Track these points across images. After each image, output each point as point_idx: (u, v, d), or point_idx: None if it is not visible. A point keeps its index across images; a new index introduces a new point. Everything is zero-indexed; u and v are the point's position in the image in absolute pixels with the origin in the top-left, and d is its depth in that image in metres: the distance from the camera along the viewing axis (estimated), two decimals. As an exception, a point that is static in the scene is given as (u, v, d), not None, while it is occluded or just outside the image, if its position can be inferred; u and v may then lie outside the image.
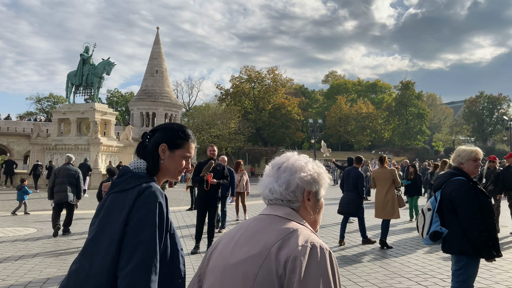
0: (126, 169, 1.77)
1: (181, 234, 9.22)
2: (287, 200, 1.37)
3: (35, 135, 27.28)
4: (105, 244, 1.61)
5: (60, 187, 8.93)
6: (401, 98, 55.76)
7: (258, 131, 56.42)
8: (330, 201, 17.56)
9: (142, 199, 1.64)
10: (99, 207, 1.77)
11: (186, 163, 1.83)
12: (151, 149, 1.78)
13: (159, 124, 1.96)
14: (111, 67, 26.97)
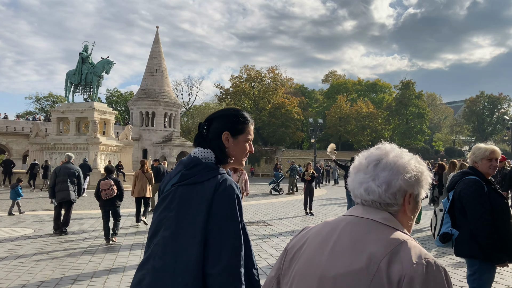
0: (197, 160, 1.71)
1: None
2: (385, 203, 1.21)
3: (34, 134, 27.10)
4: (187, 240, 1.58)
5: (62, 186, 8.93)
6: (401, 98, 55.51)
7: (258, 130, 56.20)
8: (331, 201, 17.43)
9: (222, 192, 1.61)
10: (166, 200, 1.68)
11: (250, 146, 1.81)
12: (214, 139, 1.74)
13: (218, 112, 1.85)
14: (110, 66, 26.79)
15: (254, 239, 8.60)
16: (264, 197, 19.48)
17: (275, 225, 10.60)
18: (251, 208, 14.62)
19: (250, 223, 10.86)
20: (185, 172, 1.69)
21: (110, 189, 7.93)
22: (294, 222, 11.15)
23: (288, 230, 9.75)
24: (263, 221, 11.33)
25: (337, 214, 13.03)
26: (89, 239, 8.45)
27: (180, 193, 1.66)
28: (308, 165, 13.16)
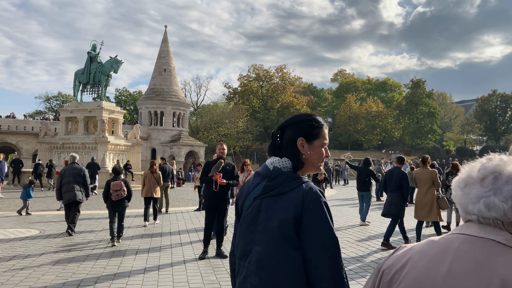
0: (279, 170, 1.69)
1: (189, 238, 8.80)
2: (509, 222, 1.07)
3: (42, 133, 27.11)
4: (282, 252, 1.56)
5: (68, 187, 8.94)
6: (411, 97, 54.84)
7: (266, 130, 55.91)
8: (342, 201, 17.08)
9: (311, 201, 1.60)
10: (252, 215, 1.67)
11: (326, 151, 1.78)
12: (289, 147, 1.72)
13: (291, 119, 1.82)
14: (118, 65, 26.69)
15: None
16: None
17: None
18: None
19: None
20: (268, 184, 1.67)
21: (121, 190, 7.90)
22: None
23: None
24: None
25: (348, 216, 12.72)
26: (94, 242, 8.25)
27: (266, 206, 1.64)
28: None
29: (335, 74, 74.14)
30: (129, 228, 9.73)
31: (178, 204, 15.83)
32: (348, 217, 12.43)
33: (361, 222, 10.80)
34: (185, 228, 10.02)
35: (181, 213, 12.90)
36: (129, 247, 7.70)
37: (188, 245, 7.92)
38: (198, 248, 7.58)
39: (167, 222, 10.85)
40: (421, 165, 8.34)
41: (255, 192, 1.70)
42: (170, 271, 6.07)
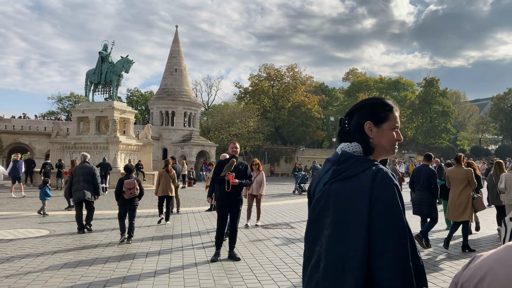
0: (348, 154, 1.66)
1: (201, 239, 8.58)
2: None
3: (54, 133, 27.22)
4: (351, 234, 1.54)
5: (78, 186, 9.07)
6: (424, 96, 54.04)
7: (277, 129, 55.64)
8: None
9: (381, 182, 1.55)
10: (322, 200, 1.64)
11: (397, 134, 1.75)
12: (356, 131, 1.69)
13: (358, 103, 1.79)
14: (129, 65, 26.67)
15: (277, 243, 8.09)
16: (285, 198, 18.93)
17: (298, 228, 10.05)
18: (272, 209, 14.10)
19: (273, 225, 10.35)
20: (337, 168, 1.64)
21: (134, 188, 7.99)
22: (318, 225, 10.57)
23: (313, 234, 9.19)
24: (285, 223, 10.80)
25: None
26: (104, 243, 8.09)
27: (336, 190, 1.61)
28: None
29: (347, 73, 73.51)
30: (140, 228, 9.57)
31: (190, 204, 15.66)
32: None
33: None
34: (196, 229, 9.81)
35: (193, 213, 12.71)
36: (139, 249, 7.52)
37: (200, 247, 7.71)
38: (210, 250, 7.36)
39: (178, 223, 10.66)
40: (455, 164, 8.01)
41: (325, 178, 1.67)
42: (181, 274, 5.85)
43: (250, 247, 7.68)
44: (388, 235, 1.49)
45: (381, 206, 1.51)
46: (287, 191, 23.43)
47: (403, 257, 1.48)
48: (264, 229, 9.77)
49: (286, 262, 6.57)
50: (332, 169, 1.66)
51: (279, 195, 20.19)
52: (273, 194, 20.38)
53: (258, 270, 6.14)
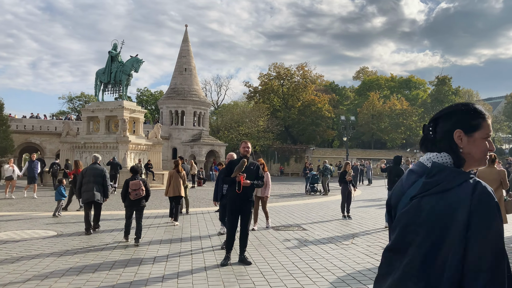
0: (440, 165, 1.55)
1: (211, 242, 8.34)
2: None
3: (64, 133, 27.26)
4: (445, 254, 1.44)
5: (87, 187, 9.14)
6: (437, 94, 53.18)
7: (287, 129, 55.27)
8: (368, 202, 16.35)
9: (480, 196, 1.45)
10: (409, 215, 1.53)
11: (490, 144, 1.61)
12: (445, 140, 1.58)
13: (445, 110, 1.67)
14: (139, 64, 26.57)
15: (290, 246, 7.82)
16: (296, 198, 18.64)
17: (311, 230, 9.76)
18: (284, 209, 13.83)
19: (284, 227, 10.08)
20: (428, 181, 1.54)
21: (140, 189, 7.95)
22: (331, 227, 10.26)
23: (326, 236, 8.90)
24: (297, 225, 10.51)
25: (376, 217, 12.06)
26: (111, 245, 7.90)
27: (428, 204, 1.50)
28: (347, 165, 12.19)
29: (357, 71, 72.80)
30: (149, 229, 9.37)
31: (199, 204, 15.45)
32: (377, 219, 11.76)
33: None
34: (206, 231, 9.57)
35: (202, 214, 12.49)
36: (147, 252, 7.30)
37: (209, 250, 7.47)
38: (220, 253, 7.11)
39: (188, 224, 10.44)
40: (488, 164, 7.66)
41: (412, 191, 1.56)
42: (190, 279, 5.61)
43: (261, 250, 7.42)
44: (486, 254, 1.39)
45: (480, 222, 1.41)
46: (298, 191, 23.12)
47: (499, 279, 1.39)
48: (275, 231, 9.50)
49: (299, 267, 6.29)
50: (421, 181, 1.56)
51: (289, 196, 19.91)
52: (283, 194, 20.11)
53: (270, 275, 5.87)
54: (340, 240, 8.51)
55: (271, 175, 45.87)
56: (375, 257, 6.94)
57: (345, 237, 8.82)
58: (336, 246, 7.80)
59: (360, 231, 9.61)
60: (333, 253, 7.25)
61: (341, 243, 8.16)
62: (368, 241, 8.38)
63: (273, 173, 47.90)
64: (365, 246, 7.86)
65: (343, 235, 9.13)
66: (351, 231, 9.68)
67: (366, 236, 8.96)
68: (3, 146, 32.44)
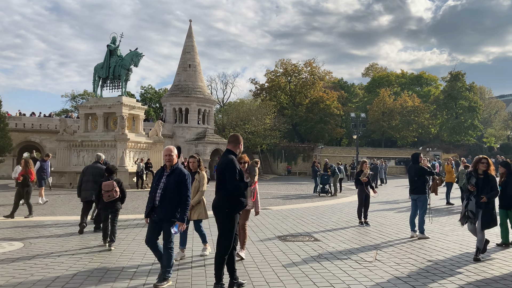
0: None
1: (203, 256, 6.89)
2: None
3: (61, 131, 26.02)
4: None
5: (86, 186, 9.09)
6: (450, 91, 51.27)
7: (295, 127, 53.75)
8: (384, 205, 14.62)
9: None
10: None
11: None
12: None
13: None
14: (139, 58, 25.25)
15: (300, 262, 6.37)
16: (305, 200, 17.17)
17: (324, 240, 8.30)
18: (292, 214, 12.37)
19: (293, 237, 8.63)
20: None
21: (113, 190, 7.54)
22: (348, 236, 8.78)
23: (342, 249, 7.43)
24: (308, 233, 9.05)
25: (397, 224, 10.57)
26: (91, 253, 6.48)
27: None
28: (364, 164, 10.63)
29: (367, 68, 71.07)
30: (134, 240, 7.99)
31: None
32: (399, 226, 10.26)
33: (419, 235, 8.61)
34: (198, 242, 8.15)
35: (200, 220, 11.07)
36: (128, 263, 5.89)
37: (200, 265, 6.05)
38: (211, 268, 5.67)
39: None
40: None
41: None
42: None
43: (264, 270, 5.97)
44: None
45: None
46: (306, 191, 21.66)
47: None
48: (282, 242, 8.05)
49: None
50: None
51: (297, 197, 18.44)
52: (290, 196, 18.64)
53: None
54: (360, 254, 7.05)
55: (278, 175, 44.52)
56: (410, 280, 5.47)
57: (365, 250, 7.35)
58: (357, 264, 6.33)
59: (382, 242, 8.13)
60: (354, 274, 5.79)
61: (362, 259, 6.69)
62: (395, 256, 6.90)
63: (280, 173, 46.40)
64: (393, 264, 6.39)
65: (363, 247, 7.66)
66: (371, 242, 8.20)
67: (391, 250, 7.47)
68: (0, 145, 31.37)
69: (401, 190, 22.79)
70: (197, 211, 6.77)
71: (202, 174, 6.96)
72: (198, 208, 6.78)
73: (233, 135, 5.33)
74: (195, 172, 6.97)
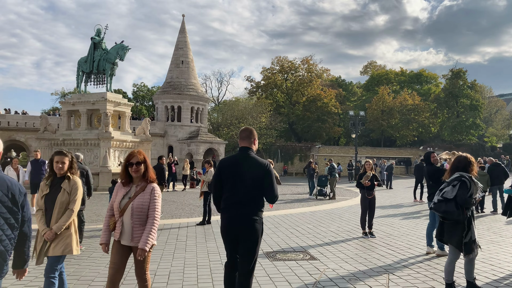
0: None
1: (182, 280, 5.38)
2: None
3: (42, 129, 24.45)
4: None
5: None
6: (451, 89, 49.84)
7: (291, 125, 52.26)
8: (388, 210, 12.98)
9: None
10: None
11: None
12: None
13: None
14: (124, 52, 23.70)
15: (290, 295, 4.88)
16: (300, 203, 15.67)
17: (322, 258, 6.80)
18: (285, 221, 10.86)
19: (284, 253, 7.13)
20: None
21: None
22: (351, 253, 7.28)
23: (345, 272, 5.93)
24: (302, 249, 7.56)
25: (407, 234, 9.09)
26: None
27: None
28: (367, 164, 9.06)
29: (365, 66, 69.61)
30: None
31: (181, 213, 12.52)
32: (409, 237, 8.77)
33: (437, 251, 7.11)
34: (182, 259, 6.64)
35: (178, 229, 9.57)
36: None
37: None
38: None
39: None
40: None
41: None
42: None
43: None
44: None
45: None
46: (302, 193, 20.18)
47: None
48: (268, 261, 6.54)
49: None
50: None
51: (292, 200, 16.93)
52: (285, 199, 17.13)
53: None
54: (368, 281, 5.55)
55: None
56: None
57: (374, 274, 5.86)
58: (366, 298, 4.85)
59: (393, 262, 6.64)
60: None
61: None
62: (413, 285, 5.41)
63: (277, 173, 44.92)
64: None
65: (371, 269, 6.17)
66: (379, 260, 6.71)
67: (406, 273, 5.98)
68: (-19, 144, 29.77)
69: (403, 192, 21.33)
70: (61, 242, 4.05)
71: (73, 180, 4.25)
72: (63, 238, 4.08)
73: (246, 128, 4.38)
74: (61, 178, 4.26)
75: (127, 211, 3.75)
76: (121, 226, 3.75)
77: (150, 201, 3.79)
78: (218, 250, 7.34)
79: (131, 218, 3.73)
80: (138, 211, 3.74)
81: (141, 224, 3.73)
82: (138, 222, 3.73)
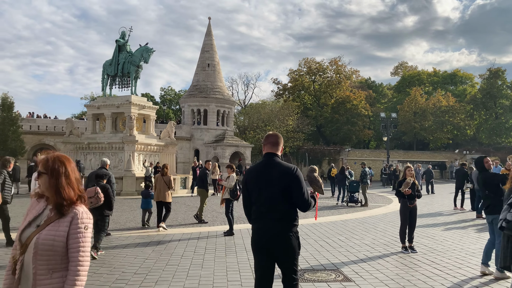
0: None
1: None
2: None
3: (67, 132, 24.41)
4: None
5: None
6: (489, 89, 47.31)
7: (319, 128, 51.01)
8: (427, 219, 11.75)
9: None
10: None
11: None
12: None
13: None
14: (149, 54, 23.38)
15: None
16: (330, 211, 14.67)
17: (357, 280, 5.87)
18: (314, 231, 9.93)
19: (313, 272, 6.24)
20: None
21: (95, 197, 7.26)
22: (391, 273, 6.31)
23: (386, 299, 5.00)
24: (334, 266, 6.64)
25: (453, 249, 8.01)
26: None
27: None
28: (407, 170, 8.05)
29: (396, 67, 67.45)
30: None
31: (213, 220, 11.77)
32: (456, 252, 7.69)
33: (496, 273, 6.02)
34: (197, 277, 5.89)
35: (197, 239, 8.83)
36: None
37: None
38: None
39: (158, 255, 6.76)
40: None
41: None
42: None
43: None
44: None
45: None
46: (331, 199, 19.13)
47: None
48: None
49: None
50: None
51: (321, 208, 15.92)
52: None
53: None
54: (416, 311, 4.60)
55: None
56: None
57: (421, 302, 4.90)
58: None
59: (444, 285, 5.64)
60: None
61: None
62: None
63: (304, 177, 43.75)
64: None
65: (416, 294, 5.21)
66: (426, 282, 5.73)
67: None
68: (12, 148, 30.20)
69: (441, 198, 19.94)
70: None
71: None
72: None
73: (272, 134, 3.99)
74: None
75: (30, 247, 2.25)
76: (20, 270, 2.26)
77: (70, 236, 2.27)
78: (238, 266, 6.54)
79: (34, 259, 2.22)
80: (45, 250, 2.22)
81: (49, 271, 2.23)
82: (44, 267, 2.22)
